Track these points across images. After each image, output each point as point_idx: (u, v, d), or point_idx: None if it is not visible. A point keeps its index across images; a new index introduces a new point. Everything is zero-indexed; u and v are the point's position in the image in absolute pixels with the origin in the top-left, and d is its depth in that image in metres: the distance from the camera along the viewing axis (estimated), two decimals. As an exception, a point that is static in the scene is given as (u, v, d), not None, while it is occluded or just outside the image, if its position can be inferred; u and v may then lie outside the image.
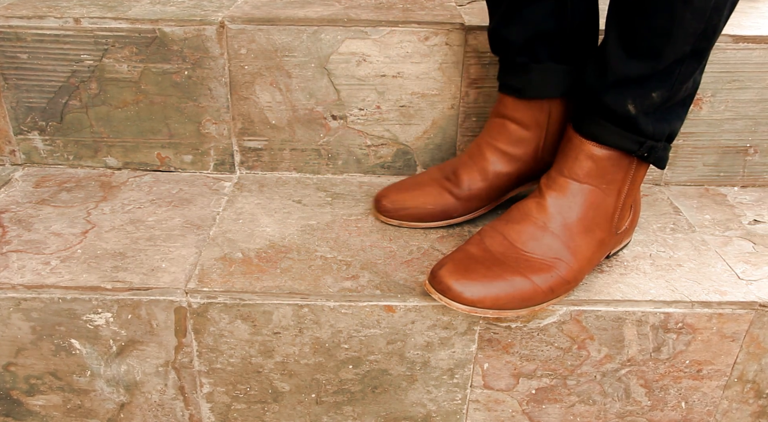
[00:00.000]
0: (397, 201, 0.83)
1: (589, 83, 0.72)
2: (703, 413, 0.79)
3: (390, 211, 0.83)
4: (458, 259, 0.69)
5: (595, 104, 0.71)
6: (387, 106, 0.94)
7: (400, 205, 0.82)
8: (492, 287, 0.66)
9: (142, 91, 0.92)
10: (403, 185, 0.85)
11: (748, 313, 0.73)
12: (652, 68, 0.67)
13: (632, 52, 0.67)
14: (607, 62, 0.69)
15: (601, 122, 0.71)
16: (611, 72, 0.69)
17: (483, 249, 0.70)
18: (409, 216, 0.82)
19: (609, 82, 0.70)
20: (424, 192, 0.82)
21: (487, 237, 0.72)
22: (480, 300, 0.66)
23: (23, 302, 0.71)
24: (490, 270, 0.68)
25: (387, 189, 0.86)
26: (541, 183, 0.74)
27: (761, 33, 0.92)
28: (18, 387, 0.76)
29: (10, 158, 0.97)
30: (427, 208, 0.82)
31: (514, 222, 0.72)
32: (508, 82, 0.79)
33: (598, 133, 0.71)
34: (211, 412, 0.78)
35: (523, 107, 0.79)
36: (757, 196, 0.98)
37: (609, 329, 0.73)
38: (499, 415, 0.79)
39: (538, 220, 0.71)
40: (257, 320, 0.72)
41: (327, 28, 0.89)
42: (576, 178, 0.72)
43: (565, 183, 0.72)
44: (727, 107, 0.95)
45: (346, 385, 0.76)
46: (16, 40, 0.89)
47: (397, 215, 0.83)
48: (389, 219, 0.83)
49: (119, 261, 0.75)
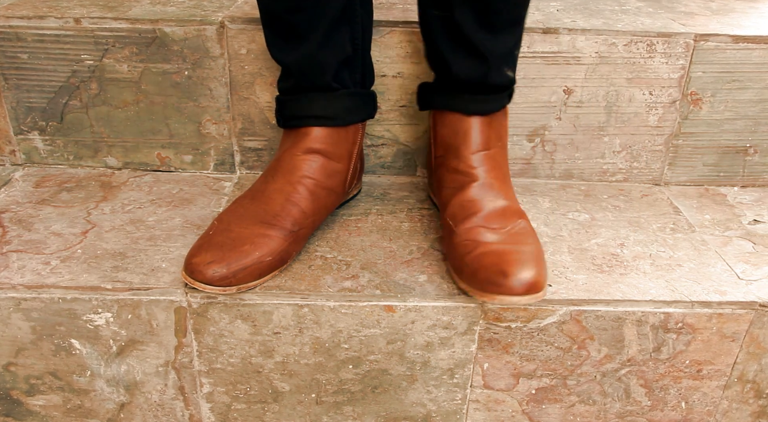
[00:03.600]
0: (231, 262, 0.69)
1: (467, 74, 0.76)
2: (703, 413, 0.79)
3: (226, 277, 0.68)
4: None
5: (477, 89, 0.77)
6: (387, 106, 0.94)
7: (238, 267, 0.69)
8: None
9: (142, 91, 0.92)
10: (217, 244, 0.70)
11: (748, 313, 0.73)
12: (516, 34, 0.76)
13: (494, 28, 0.73)
14: (476, 47, 0.74)
15: (488, 98, 0.78)
16: (489, 54, 0.74)
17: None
18: (247, 276, 0.70)
19: (490, 65, 0.75)
20: (255, 244, 0.71)
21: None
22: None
23: (23, 302, 0.71)
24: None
25: (196, 252, 0.70)
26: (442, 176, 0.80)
27: (761, 33, 0.92)
28: (18, 387, 0.76)
29: (10, 158, 0.97)
30: (266, 260, 0.71)
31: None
32: (316, 113, 0.77)
33: (488, 108, 0.78)
34: (211, 412, 0.78)
35: (334, 137, 0.78)
36: (757, 196, 0.98)
37: (609, 329, 0.73)
38: (499, 415, 0.79)
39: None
40: (257, 320, 0.72)
41: (327, 28, 0.89)
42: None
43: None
44: (726, 107, 0.95)
45: (346, 385, 0.76)
46: (16, 40, 0.89)
47: (236, 280, 0.69)
48: (225, 288, 0.69)
49: (119, 261, 0.76)
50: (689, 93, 0.94)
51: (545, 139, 0.97)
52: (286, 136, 0.80)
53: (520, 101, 0.94)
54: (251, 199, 0.76)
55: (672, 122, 0.96)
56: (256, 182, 0.79)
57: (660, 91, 0.94)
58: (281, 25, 0.75)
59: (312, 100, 0.78)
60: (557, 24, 0.92)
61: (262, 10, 0.76)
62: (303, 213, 0.75)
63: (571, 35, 0.90)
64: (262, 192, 0.76)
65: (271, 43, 0.78)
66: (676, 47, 0.91)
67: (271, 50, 0.78)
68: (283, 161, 0.77)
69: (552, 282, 0.75)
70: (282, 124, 0.80)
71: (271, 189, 0.76)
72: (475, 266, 0.67)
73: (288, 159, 0.77)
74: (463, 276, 0.69)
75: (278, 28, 0.76)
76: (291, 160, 0.77)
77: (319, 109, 0.78)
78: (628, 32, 0.91)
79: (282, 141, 0.80)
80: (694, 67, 0.93)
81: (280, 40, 0.76)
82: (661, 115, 0.95)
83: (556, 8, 1.03)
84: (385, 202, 0.91)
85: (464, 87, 0.78)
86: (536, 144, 0.97)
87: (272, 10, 0.75)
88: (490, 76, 0.76)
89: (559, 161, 0.99)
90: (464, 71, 0.76)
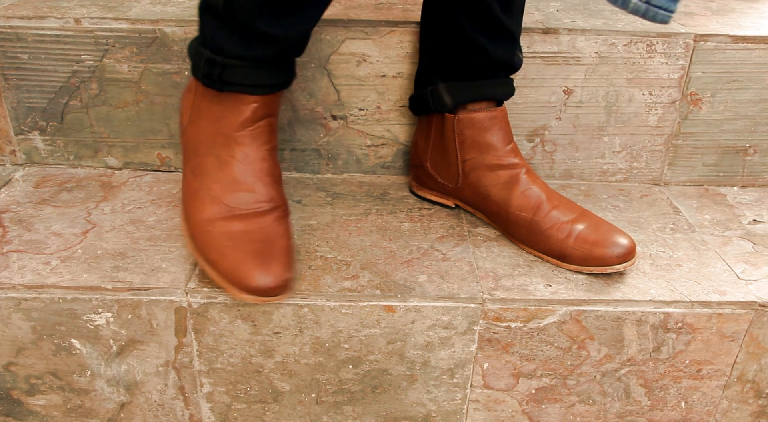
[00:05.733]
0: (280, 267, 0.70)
1: (499, 56, 0.81)
2: (702, 413, 0.80)
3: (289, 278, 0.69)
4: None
5: (507, 70, 0.83)
6: (387, 106, 0.94)
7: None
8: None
9: (142, 91, 0.92)
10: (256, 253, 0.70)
11: (748, 313, 0.73)
12: (521, 18, 0.82)
13: (512, 12, 0.79)
14: (507, 29, 0.79)
15: (509, 80, 0.84)
16: (516, 34, 0.81)
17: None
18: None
19: (516, 45, 0.82)
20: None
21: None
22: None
23: (23, 302, 0.71)
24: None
25: (248, 273, 0.68)
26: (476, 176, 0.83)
27: (761, 33, 0.92)
28: (18, 387, 0.76)
29: (10, 158, 0.97)
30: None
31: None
32: (274, 82, 0.75)
33: (511, 91, 0.85)
34: (211, 412, 0.78)
35: (276, 100, 0.77)
36: (757, 196, 0.98)
37: (609, 329, 0.73)
38: (499, 415, 0.79)
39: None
40: (257, 320, 0.72)
41: (327, 28, 0.89)
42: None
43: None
44: (726, 107, 0.95)
45: (346, 385, 0.76)
46: (16, 40, 0.89)
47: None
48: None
49: (119, 261, 0.76)
50: (689, 93, 0.94)
51: (545, 139, 0.97)
52: (219, 101, 0.74)
53: (520, 101, 0.94)
54: (227, 191, 0.73)
55: (672, 122, 0.96)
56: (202, 170, 0.74)
57: (660, 91, 0.94)
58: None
59: (281, 70, 0.75)
60: (557, 24, 0.92)
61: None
62: (277, 184, 0.76)
63: (571, 35, 0.91)
64: (233, 178, 0.73)
65: (261, 16, 0.71)
66: (676, 47, 0.91)
67: (259, 21, 0.70)
68: (237, 138, 0.74)
69: (552, 282, 0.75)
70: (220, 88, 0.73)
71: (239, 171, 0.73)
72: (586, 246, 0.75)
73: (244, 135, 0.74)
74: (574, 260, 0.76)
75: (278, 2, 0.70)
76: (248, 135, 0.74)
77: (280, 77, 0.75)
78: (628, 32, 0.91)
79: (206, 103, 0.75)
80: (694, 67, 0.93)
81: (275, 14, 0.71)
82: (661, 115, 0.95)
83: (556, 8, 1.03)
84: (385, 202, 0.91)
85: (495, 70, 0.82)
86: (536, 144, 0.97)
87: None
88: (516, 56, 0.83)
89: (559, 161, 0.99)
90: (498, 53, 0.80)
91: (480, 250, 0.80)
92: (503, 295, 0.72)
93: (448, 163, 0.85)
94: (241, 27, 0.70)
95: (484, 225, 0.85)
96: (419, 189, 0.91)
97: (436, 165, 0.87)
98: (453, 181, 0.85)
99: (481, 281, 0.74)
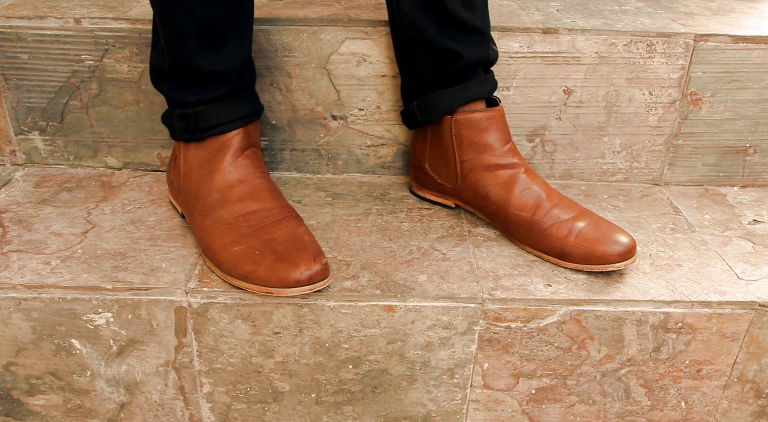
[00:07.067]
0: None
1: (475, 55, 0.80)
2: (702, 413, 0.80)
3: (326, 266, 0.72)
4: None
5: (485, 68, 0.83)
6: (387, 106, 0.94)
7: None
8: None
9: (142, 91, 0.92)
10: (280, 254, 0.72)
11: (748, 313, 0.73)
12: (486, 9, 0.81)
13: (473, 6, 0.78)
14: (474, 27, 0.79)
15: (490, 76, 0.84)
16: (485, 30, 0.80)
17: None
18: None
19: (488, 40, 0.81)
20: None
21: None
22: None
23: (23, 302, 0.71)
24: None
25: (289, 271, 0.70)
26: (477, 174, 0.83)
27: (761, 33, 0.92)
28: (18, 387, 0.76)
29: (10, 158, 0.97)
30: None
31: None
32: (245, 113, 0.80)
33: (495, 85, 0.84)
34: (211, 412, 0.78)
35: (254, 131, 0.81)
36: (757, 196, 0.98)
37: (609, 329, 0.73)
38: (499, 415, 0.79)
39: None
40: (257, 320, 0.72)
41: (327, 28, 0.89)
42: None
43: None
44: (726, 107, 0.95)
45: (346, 385, 0.76)
46: (16, 40, 0.89)
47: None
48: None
49: (119, 261, 0.76)
50: (689, 93, 0.94)
51: (545, 139, 0.97)
52: (204, 147, 0.78)
53: (520, 101, 0.94)
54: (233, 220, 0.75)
55: (672, 122, 0.96)
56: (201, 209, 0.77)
57: (660, 91, 0.94)
58: (212, 33, 0.74)
59: (246, 100, 0.80)
60: (557, 24, 0.92)
61: (188, 25, 0.73)
62: (282, 197, 0.79)
63: (571, 35, 0.91)
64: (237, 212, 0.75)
65: (201, 57, 0.75)
66: (676, 47, 0.91)
67: (201, 63, 0.75)
68: (231, 169, 0.77)
69: (552, 282, 0.75)
70: (200, 136, 0.78)
71: (237, 195, 0.76)
72: (587, 245, 0.75)
73: (237, 164, 0.78)
74: (574, 258, 0.76)
75: (209, 38, 0.74)
76: (240, 163, 0.78)
77: (248, 108, 0.80)
78: (628, 32, 0.91)
79: (192, 155, 0.79)
80: (694, 67, 0.93)
81: (211, 51, 0.75)
82: (661, 115, 0.95)
83: (556, 8, 1.03)
84: (385, 202, 0.91)
85: (473, 71, 0.81)
86: (536, 144, 0.97)
87: (204, 18, 0.72)
88: (491, 50, 0.82)
89: (559, 161, 0.99)
90: (472, 54, 0.80)
91: (480, 250, 0.80)
92: (503, 295, 0.72)
93: (447, 164, 0.85)
94: (192, 75, 0.76)
95: (484, 225, 0.85)
96: (419, 189, 0.91)
97: (434, 166, 0.87)
98: (452, 181, 0.85)
99: (481, 281, 0.74)
